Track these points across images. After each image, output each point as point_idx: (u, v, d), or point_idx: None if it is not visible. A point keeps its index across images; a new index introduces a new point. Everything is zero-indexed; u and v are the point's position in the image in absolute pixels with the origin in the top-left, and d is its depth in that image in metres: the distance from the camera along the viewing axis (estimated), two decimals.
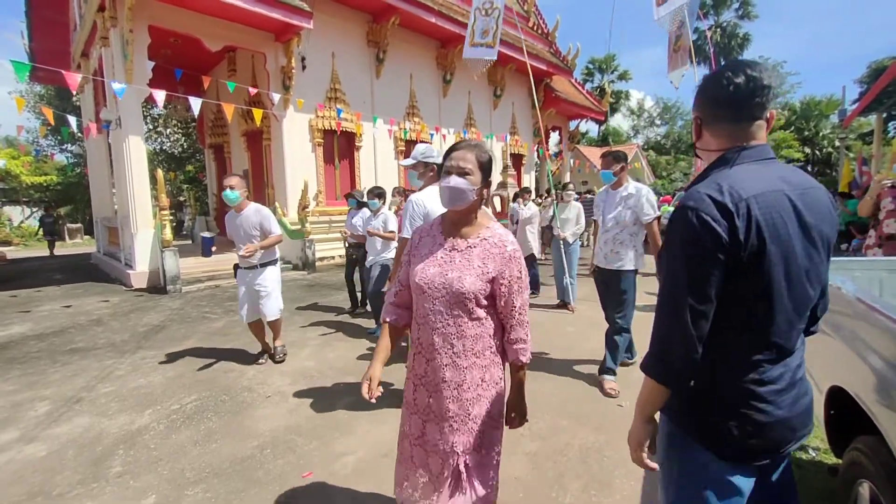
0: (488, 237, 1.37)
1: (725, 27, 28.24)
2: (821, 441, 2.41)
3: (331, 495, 2.15)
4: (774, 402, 1.00)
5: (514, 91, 14.95)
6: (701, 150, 1.13)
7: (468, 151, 1.36)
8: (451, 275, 1.33)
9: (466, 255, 1.36)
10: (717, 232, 0.93)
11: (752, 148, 1.02)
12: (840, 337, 1.64)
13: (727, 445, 1.02)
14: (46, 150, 20.82)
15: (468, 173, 1.33)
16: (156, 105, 8.85)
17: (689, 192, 1.00)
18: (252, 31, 8.72)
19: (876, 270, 2.43)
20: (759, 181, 0.97)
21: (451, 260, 1.36)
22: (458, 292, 1.31)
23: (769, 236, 0.94)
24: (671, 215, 1.03)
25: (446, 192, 1.33)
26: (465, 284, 1.31)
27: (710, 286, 0.95)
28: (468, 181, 1.32)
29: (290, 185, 9.39)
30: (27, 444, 2.68)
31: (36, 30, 11.04)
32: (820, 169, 26.88)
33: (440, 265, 1.37)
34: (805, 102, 27.41)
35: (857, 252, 6.36)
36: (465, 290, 1.31)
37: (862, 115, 16.43)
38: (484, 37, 7.74)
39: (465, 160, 1.34)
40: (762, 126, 1.03)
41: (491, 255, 1.34)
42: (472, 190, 1.33)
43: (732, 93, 1.01)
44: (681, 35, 6.66)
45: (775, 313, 0.99)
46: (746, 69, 0.99)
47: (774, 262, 0.96)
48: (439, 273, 1.35)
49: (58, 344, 4.65)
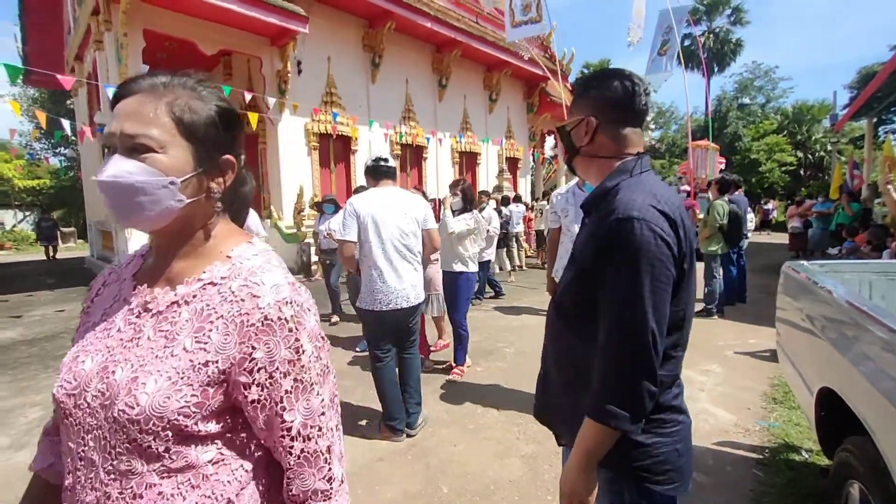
0: (220, 280, 0.66)
1: (718, 33, 28.55)
2: (813, 443, 2.43)
3: None
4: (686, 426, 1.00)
5: (510, 95, 15.03)
6: (588, 157, 1.04)
7: (149, 97, 0.64)
8: (119, 375, 0.60)
9: (165, 323, 0.64)
10: (670, 244, 0.86)
11: (647, 155, 1.01)
12: (829, 340, 1.66)
13: (676, 473, 0.96)
14: (40, 153, 20.71)
15: (147, 148, 0.62)
16: None
17: (625, 202, 0.89)
18: (248, 35, 8.73)
19: (866, 273, 2.46)
20: (668, 190, 0.94)
21: (129, 339, 0.64)
22: (126, 420, 0.58)
23: (689, 247, 0.91)
24: (610, 228, 0.88)
25: (103, 193, 0.65)
26: (142, 401, 0.58)
27: (666, 306, 0.87)
28: (146, 164, 0.61)
29: (286, 188, 9.38)
30: (17, 451, 2.65)
31: (30, 33, 11.01)
32: (812, 173, 27.17)
33: (105, 351, 0.64)
34: (797, 107, 27.71)
35: (851, 254, 6.42)
36: (140, 413, 0.58)
37: (853, 119, 16.63)
38: (526, 13, 7.10)
39: (140, 117, 0.62)
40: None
41: (223, 320, 0.62)
42: (160, 184, 0.62)
43: (635, 94, 0.98)
44: (668, 39, 6.72)
45: (688, 331, 0.97)
46: (634, 75, 0.99)
47: (693, 275, 0.93)
48: (99, 370, 0.62)
49: (49, 349, 4.60)
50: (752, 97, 29.48)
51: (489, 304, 6.30)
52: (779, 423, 2.78)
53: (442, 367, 3.79)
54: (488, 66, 13.84)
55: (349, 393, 3.34)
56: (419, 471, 2.35)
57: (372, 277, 2.53)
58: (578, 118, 1.03)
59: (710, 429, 2.74)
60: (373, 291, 2.53)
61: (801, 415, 2.75)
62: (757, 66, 29.12)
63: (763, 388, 3.32)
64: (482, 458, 2.45)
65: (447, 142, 12.99)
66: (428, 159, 12.81)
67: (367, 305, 2.54)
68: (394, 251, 2.55)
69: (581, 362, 0.97)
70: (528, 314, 5.65)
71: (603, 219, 0.92)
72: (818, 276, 1.99)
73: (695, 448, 2.54)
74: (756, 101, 29.44)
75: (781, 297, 2.36)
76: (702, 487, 2.17)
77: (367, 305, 2.54)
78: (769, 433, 2.66)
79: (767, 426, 2.75)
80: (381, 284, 2.52)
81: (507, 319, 5.44)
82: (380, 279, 2.52)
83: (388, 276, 2.53)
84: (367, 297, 2.55)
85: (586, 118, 1.02)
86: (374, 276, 2.52)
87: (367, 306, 2.55)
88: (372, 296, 2.53)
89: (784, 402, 3.05)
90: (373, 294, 2.53)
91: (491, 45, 12.57)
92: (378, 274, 2.52)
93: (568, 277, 1.02)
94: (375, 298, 2.52)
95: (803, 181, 26.52)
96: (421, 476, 2.30)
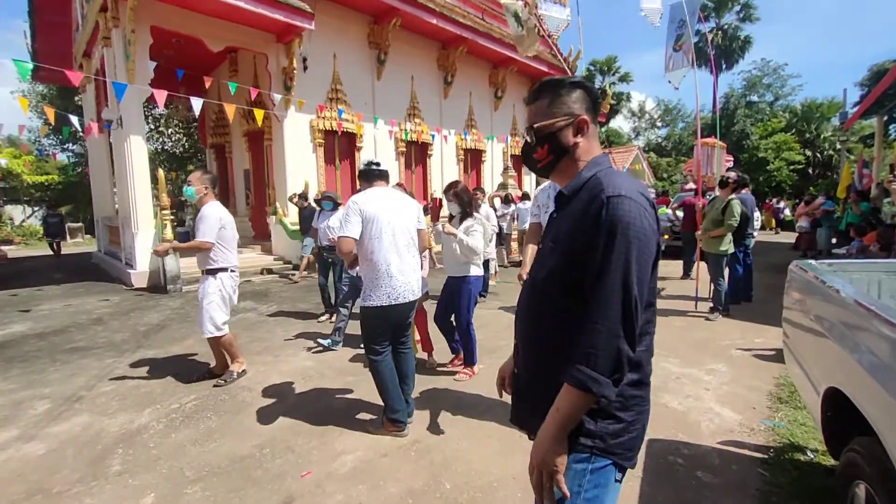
0: None
1: (726, 30, 28.20)
2: (818, 443, 2.42)
3: (330, 495, 2.15)
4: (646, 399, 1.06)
5: (515, 92, 14.96)
6: (573, 159, 1.07)
7: None
8: None
9: None
10: (652, 225, 0.95)
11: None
12: (837, 339, 1.65)
13: (631, 449, 1.01)
14: (48, 149, 20.88)
15: None
16: (157, 105, 8.88)
17: (612, 183, 0.95)
18: (254, 31, 8.75)
19: (875, 273, 2.44)
20: (639, 182, 1.03)
21: None
22: None
23: (659, 234, 1.01)
24: (602, 203, 0.94)
25: None
26: None
27: (647, 280, 0.95)
28: None
29: (291, 185, 9.41)
30: (26, 443, 2.68)
31: (39, 30, 11.09)
32: (821, 171, 26.87)
33: None
34: (806, 105, 27.37)
35: (860, 254, 6.36)
36: None
37: (863, 117, 16.42)
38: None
39: None
40: None
41: None
42: None
43: (597, 97, 1.08)
44: (682, 34, 6.61)
45: (655, 311, 1.06)
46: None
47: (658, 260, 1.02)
48: None
49: (58, 343, 4.66)
50: (760, 95, 29.14)
51: (493, 302, 6.29)
52: (784, 422, 2.76)
53: (442, 365, 3.80)
54: (494, 63, 13.79)
55: (350, 390, 3.36)
56: (423, 467, 2.36)
57: (379, 272, 2.55)
58: (566, 117, 1.05)
59: (716, 428, 2.73)
60: (379, 287, 2.55)
61: (806, 415, 2.73)
62: (766, 63, 28.75)
63: (769, 387, 3.30)
64: (486, 456, 2.45)
65: (452, 139, 12.97)
66: (433, 156, 12.80)
67: (375, 302, 2.55)
68: (404, 245, 2.63)
69: (562, 343, 0.99)
70: None
71: (588, 201, 0.97)
72: (826, 275, 1.97)
73: (700, 447, 2.55)
74: (764, 98, 29.10)
75: (788, 296, 2.34)
76: (707, 486, 2.16)
77: (375, 302, 2.55)
78: (774, 433, 2.65)
79: (773, 426, 2.73)
80: (388, 279, 2.55)
81: (510, 317, 5.43)
82: (387, 273, 2.55)
83: (399, 269, 2.57)
84: (374, 294, 2.55)
85: (578, 117, 1.04)
86: (383, 270, 2.55)
87: (374, 303, 2.56)
88: (378, 291, 2.55)
89: (790, 401, 3.03)
90: (379, 289, 2.55)
91: (497, 41, 12.51)
92: (387, 267, 2.55)
93: (553, 262, 1.04)
94: (383, 293, 2.55)
95: (811, 180, 26.24)
96: (424, 472, 2.31)
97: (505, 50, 12.79)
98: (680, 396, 3.14)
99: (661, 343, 4.28)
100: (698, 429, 2.72)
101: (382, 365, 2.65)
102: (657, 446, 2.52)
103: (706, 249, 5.25)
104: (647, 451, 2.46)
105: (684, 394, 3.19)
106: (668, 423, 2.78)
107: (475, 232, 3.43)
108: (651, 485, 2.18)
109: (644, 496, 2.10)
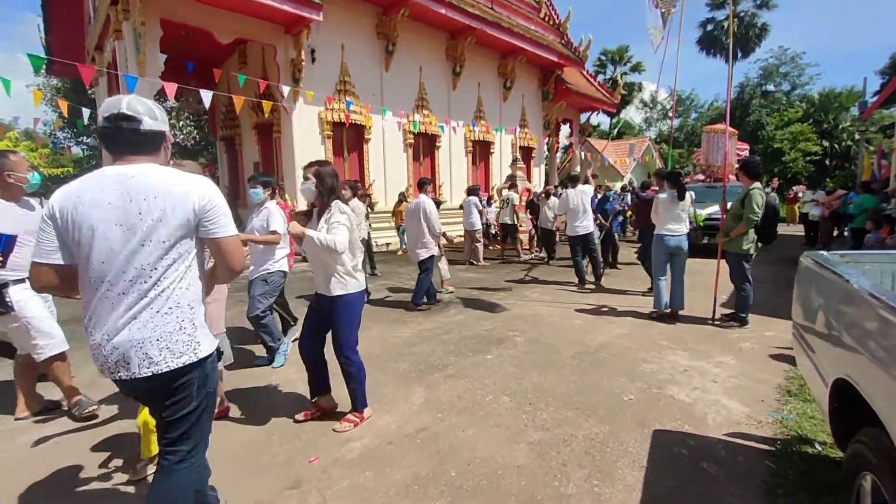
0: None
1: (743, 17, 27.53)
2: (826, 435, 2.39)
3: (336, 480, 2.19)
4: None
5: (524, 83, 14.81)
6: None
7: None
8: None
9: None
10: None
11: None
12: (847, 330, 1.63)
13: None
14: (63, 142, 21.21)
15: None
16: (168, 97, 8.96)
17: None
18: (262, 23, 8.76)
19: (888, 264, 2.39)
20: None
21: None
22: None
23: None
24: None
25: None
26: None
27: None
28: None
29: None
30: (44, 425, 2.77)
31: (52, 23, 11.24)
32: (839, 163, 26.27)
33: None
34: (824, 94, 26.70)
35: (879, 244, 6.21)
36: None
37: (883, 107, 15.97)
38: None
39: None
40: None
41: None
42: None
43: None
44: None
45: None
46: None
47: None
48: None
49: (77, 331, 4.76)
50: (776, 84, 28.48)
51: (502, 294, 6.29)
52: (792, 415, 2.74)
53: (487, 330, 3.81)
54: (503, 54, 13.65)
55: None
56: (428, 455, 2.39)
57: None
58: None
59: (723, 420, 2.71)
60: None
61: (815, 407, 2.70)
62: (783, 51, 28.11)
63: (778, 380, 3.27)
64: (491, 444, 2.47)
65: (461, 130, 12.90)
66: (441, 148, 12.76)
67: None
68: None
69: None
70: (541, 305, 5.64)
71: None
72: (838, 266, 1.94)
73: (706, 439, 2.53)
74: (781, 88, 28.45)
75: (799, 286, 2.31)
76: (714, 478, 2.16)
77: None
78: (782, 425, 2.63)
79: (780, 418, 2.71)
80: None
81: (520, 308, 5.43)
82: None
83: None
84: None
85: None
86: None
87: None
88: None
89: (799, 394, 3.00)
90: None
91: (506, 31, 12.37)
92: None
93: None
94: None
95: (828, 171, 25.67)
96: (430, 460, 2.34)
97: (514, 40, 12.64)
98: (687, 388, 3.13)
99: (669, 335, 4.26)
100: (704, 420, 2.71)
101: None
102: (662, 437, 2.51)
103: (726, 248, 4.62)
104: (652, 441, 2.46)
105: (691, 386, 3.17)
106: (675, 414, 2.77)
107: (338, 225, 2.49)
108: (655, 475, 2.18)
109: (648, 486, 2.11)
